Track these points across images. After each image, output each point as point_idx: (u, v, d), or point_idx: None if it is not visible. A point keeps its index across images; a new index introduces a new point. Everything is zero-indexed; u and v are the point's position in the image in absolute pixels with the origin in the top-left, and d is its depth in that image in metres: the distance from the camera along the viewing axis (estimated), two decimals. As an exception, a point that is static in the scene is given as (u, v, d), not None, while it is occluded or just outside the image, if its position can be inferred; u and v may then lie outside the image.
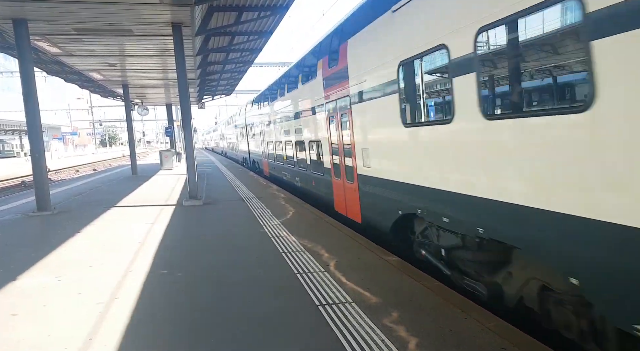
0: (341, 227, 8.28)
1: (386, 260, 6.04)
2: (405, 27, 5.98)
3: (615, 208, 3.08)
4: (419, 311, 4.30)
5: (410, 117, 6.09)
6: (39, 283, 5.75)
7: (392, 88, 6.39)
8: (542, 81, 3.96)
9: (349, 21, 8.45)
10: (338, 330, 3.96)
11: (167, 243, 7.69)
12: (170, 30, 11.80)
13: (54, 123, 72.20)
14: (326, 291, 4.94)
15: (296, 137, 13.40)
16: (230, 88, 29.24)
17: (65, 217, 10.71)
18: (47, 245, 7.82)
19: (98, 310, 4.71)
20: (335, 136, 9.47)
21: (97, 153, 68.52)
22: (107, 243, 7.83)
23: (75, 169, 37.03)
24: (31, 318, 4.63)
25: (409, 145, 6.11)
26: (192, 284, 5.46)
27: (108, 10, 10.37)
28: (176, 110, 34.88)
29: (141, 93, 26.35)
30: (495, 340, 3.65)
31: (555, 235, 3.65)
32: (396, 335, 3.82)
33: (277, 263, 6.12)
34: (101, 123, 74.95)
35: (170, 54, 14.03)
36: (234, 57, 18.06)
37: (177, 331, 4.14)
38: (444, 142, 5.20)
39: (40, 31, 11.74)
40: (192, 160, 12.54)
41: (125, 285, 5.52)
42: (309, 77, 11.35)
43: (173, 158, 26.26)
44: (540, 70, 3.91)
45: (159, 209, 11.37)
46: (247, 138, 26.02)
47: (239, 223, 9.10)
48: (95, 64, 16.90)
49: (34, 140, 11.33)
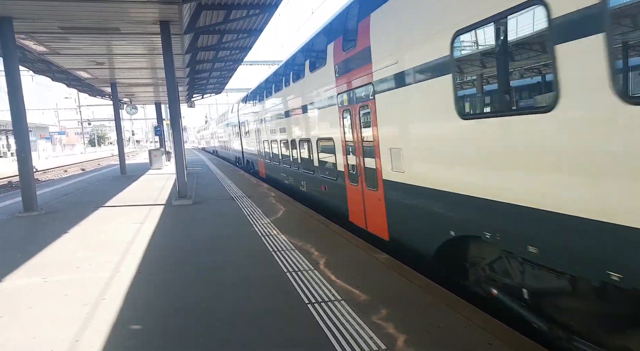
0: (331, 225, 8.27)
1: (376, 257, 6.06)
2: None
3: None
4: (407, 308, 4.32)
5: (471, 105, 4.66)
6: (25, 285, 5.68)
7: (442, 68, 4.89)
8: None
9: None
10: (327, 328, 3.97)
11: (156, 243, 7.63)
12: (158, 29, 11.71)
13: (42, 122, 71.20)
14: (316, 290, 4.94)
15: (300, 134, 11.77)
16: (220, 87, 29.13)
17: (53, 218, 10.59)
18: (34, 246, 7.73)
19: (85, 311, 4.66)
20: (351, 132, 8.07)
21: (85, 153, 67.76)
22: (94, 244, 7.75)
23: (64, 169, 36.59)
24: (16, 320, 4.56)
25: (470, 144, 4.57)
26: (181, 284, 5.42)
27: (94, 8, 10.26)
28: (165, 109, 34.61)
29: (130, 92, 26.12)
30: (482, 335, 3.69)
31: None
32: (385, 332, 3.84)
33: (267, 262, 6.11)
34: (90, 122, 74.13)
35: (158, 52, 13.91)
36: (223, 56, 17.99)
37: (165, 331, 4.11)
38: (536, 139, 3.72)
39: (25, 29, 11.58)
40: (182, 159, 12.46)
41: (113, 285, 5.47)
42: (316, 64, 9.87)
43: (162, 157, 26.08)
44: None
45: (148, 209, 11.28)
46: (241, 136, 24.54)
47: (228, 223, 9.06)
48: (83, 63, 16.72)
49: (20, 140, 11.19)
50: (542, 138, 3.67)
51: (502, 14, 3.98)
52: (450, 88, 4.78)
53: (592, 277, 3.40)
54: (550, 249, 3.73)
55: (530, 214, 3.84)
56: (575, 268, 3.55)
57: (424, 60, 5.26)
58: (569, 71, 3.40)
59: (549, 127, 3.59)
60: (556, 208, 3.59)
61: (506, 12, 3.94)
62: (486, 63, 4.45)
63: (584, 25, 3.22)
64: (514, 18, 3.90)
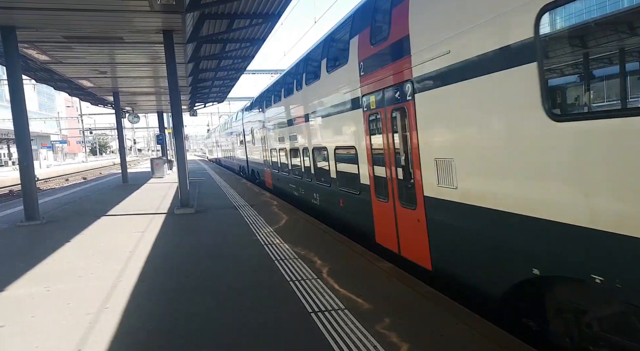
0: (334, 234, 8.24)
1: (379, 266, 6.04)
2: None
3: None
4: (411, 317, 4.29)
5: (569, 104, 3.59)
6: (27, 294, 5.66)
7: (520, 55, 3.79)
8: None
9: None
10: (331, 337, 3.94)
11: (158, 252, 7.61)
12: (161, 38, 11.79)
13: (43, 131, 71.51)
14: (319, 299, 4.91)
15: (314, 141, 10.67)
16: (222, 96, 29.24)
17: (54, 227, 10.58)
18: (36, 255, 7.71)
19: (87, 321, 4.64)
20: (379, 139, 6.94)
21: (87, 162, 67.92)
22: (96, 253, 7.74)
23: (65, 178, 36.66)
24: (19, 329, 4.54)
25: (568, 153, 3.43)
26: (183, 293, 5.40)
27: (98, 18, 10.35)
28: (168, 118, 34.74)
29: (132, 100, 26.24)
30: (485, 345, 3.66)
31: None
32: (388, 341, 3.81)
33: (270, 271, 6.09)
34: (91, 131, 74.42)
35: (161, 61, 14.01)
36: (226, 64, 18.09)
37: (168, 341, 4.08)
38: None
39: (29, 38, 11.67)
40: (184, 168, 12.48)
41: (115, 294, 5.45)
42: (336, 62, 8.77)
43: (164, 166, 26.10)
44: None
45: (149, 218, 11.27)
46: (245, 145, 23.32)
47: (231, 231, 9.04)
48: (85, 72, 16.83)
49: (22, 149, 11.21)
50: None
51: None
52: (533, 81, 3.65)
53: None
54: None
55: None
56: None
57: (489, 49, 4.17)
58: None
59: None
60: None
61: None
62: (591, 45, 3.33)
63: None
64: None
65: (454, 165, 4.93)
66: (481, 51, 4.29)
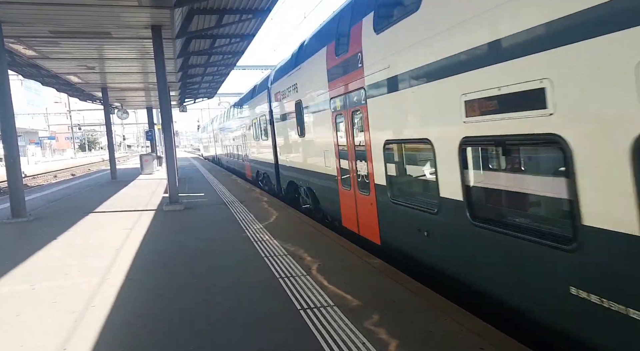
0: (323, 230, 8.25)
1: (369, 262, 6.05)
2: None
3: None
4: (400, 313, 4.31)
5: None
6: (13, 292, 5.59)
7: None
8: None
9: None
10: (319, 334, 3.94)
11: (146, 249, 7.56)
12: (149, 33, 11.67)
13: (31, 127, 70.50)
14: (308, 296, 4.91)
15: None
16: (212, 91, 29.08)
17: (41, 224, 10.45)
18: (22, 252, 7.61)
19: (73, 319, 4.59)
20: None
21: (75, 158, 67.11)
22: (84, 250, 7.66)
23: (53, 174, 36.20)
24: (3, 327, 4.48)
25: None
26: (171, 290, 5.37)
27: (85, 13, 10.20)
28: (157, 114, 34.43)
29: (121, 96, 25.96)
30: (474, 340, 3.69)
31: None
32: (377, 337, 3.82)
33: (259, 268, 6.07)
34: (80, 127, 73.56)
35: (150, 56, 13.87)
36: (215, 60, 17.96)
37: (155, 339, 4.06)
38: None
39: (14, 33, 11.48)
40: (173, 164, 12.39)
41: (102, 292, 5.40)
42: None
43: (154, 162, 25.91)
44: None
45: (138, 214, 11.18)
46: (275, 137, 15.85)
47: (220, 228, 9.00)
48: (73, 67, 16.60)
49: (8, 145, 11.04)
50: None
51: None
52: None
53: None
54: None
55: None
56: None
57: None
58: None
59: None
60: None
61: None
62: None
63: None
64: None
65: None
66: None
